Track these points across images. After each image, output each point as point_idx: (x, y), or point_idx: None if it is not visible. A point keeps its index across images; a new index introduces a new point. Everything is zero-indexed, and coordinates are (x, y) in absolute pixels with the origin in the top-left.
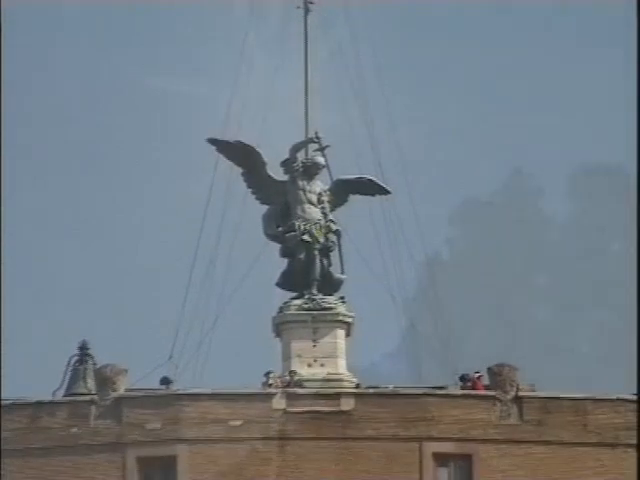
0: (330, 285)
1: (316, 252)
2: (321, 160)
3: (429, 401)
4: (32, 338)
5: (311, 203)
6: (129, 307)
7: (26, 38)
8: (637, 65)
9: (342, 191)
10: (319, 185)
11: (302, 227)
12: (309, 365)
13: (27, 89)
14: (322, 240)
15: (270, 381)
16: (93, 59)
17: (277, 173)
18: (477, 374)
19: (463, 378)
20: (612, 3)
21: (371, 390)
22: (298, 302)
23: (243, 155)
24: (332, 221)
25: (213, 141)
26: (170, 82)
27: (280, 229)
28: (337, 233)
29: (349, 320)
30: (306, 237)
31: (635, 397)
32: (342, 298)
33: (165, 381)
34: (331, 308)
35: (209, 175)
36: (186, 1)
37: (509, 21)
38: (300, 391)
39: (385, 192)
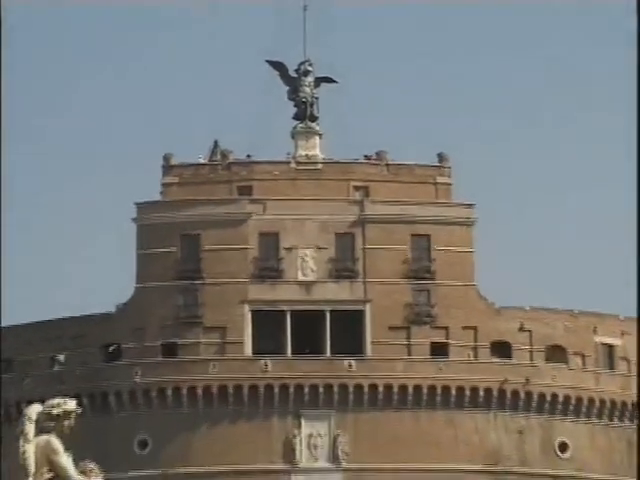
0: (313, 118)
1: (308, 105)
2: (310, 68)
3: (354, 166)
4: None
5: (306, 86)
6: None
7: None
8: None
9: (318, 82)
10: (309, 79)
11: (302, 95)
12: (306, 148)
13: None
14: (310, 100)
15: (289, 156)
16: None
17: (293, 74)
18: (370, 154)
19: (366, 156)
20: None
21: (329, 160)
22: (301, 125)
23: (281, 68)
24: (315, 93)
25: (269, 61)
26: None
27: (294, 96)
28: (317, 98)
29: (321, 132)
30: (304, 99)
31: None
32: (318, 124)
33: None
34: (314, 127)
35: (266, 77)
36: None
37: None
38: (302, 159)
39: (335, 82)
